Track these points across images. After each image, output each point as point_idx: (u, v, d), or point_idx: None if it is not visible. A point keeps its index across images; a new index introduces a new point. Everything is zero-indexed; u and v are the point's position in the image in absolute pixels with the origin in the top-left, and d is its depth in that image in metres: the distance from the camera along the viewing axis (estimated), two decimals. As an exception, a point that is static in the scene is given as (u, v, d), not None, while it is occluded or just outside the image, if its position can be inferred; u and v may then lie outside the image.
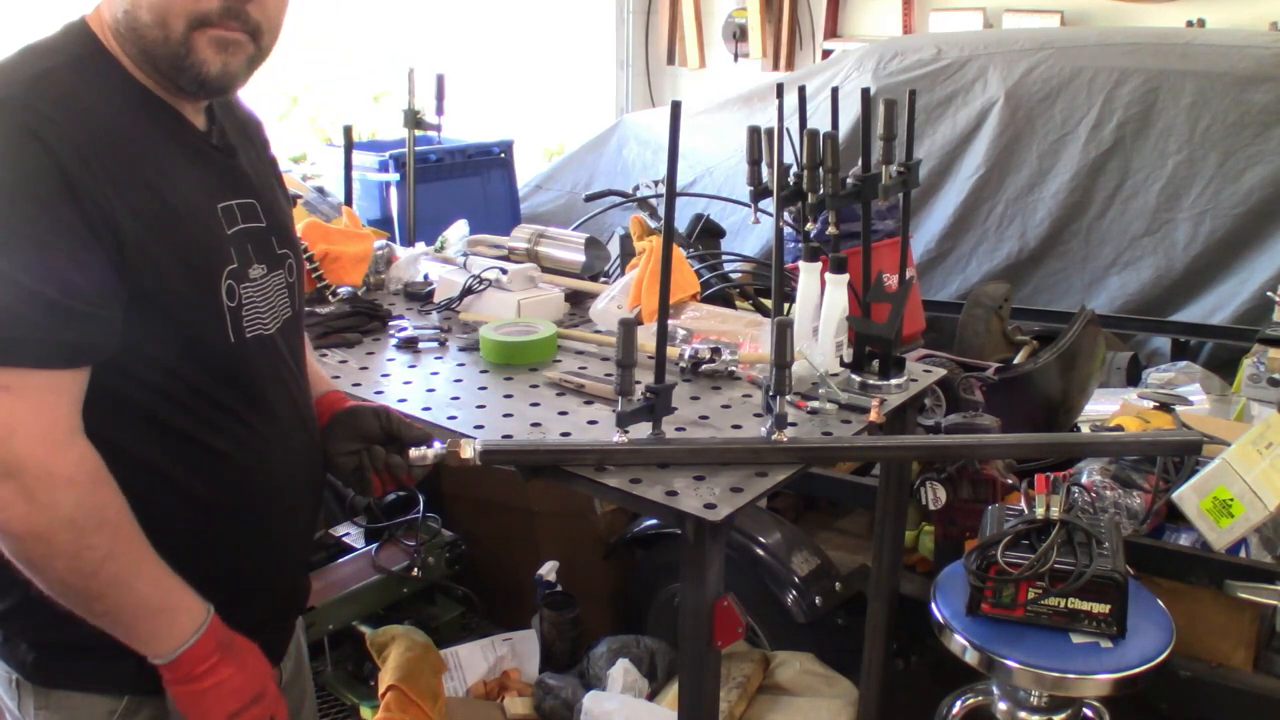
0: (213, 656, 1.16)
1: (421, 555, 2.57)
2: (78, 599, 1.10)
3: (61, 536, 1.05)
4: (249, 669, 1.21)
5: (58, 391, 1.06)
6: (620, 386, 1.42)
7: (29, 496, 1.03)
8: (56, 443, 1.05)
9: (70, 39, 1.14)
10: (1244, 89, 3.41)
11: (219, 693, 1.17)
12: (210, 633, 1.16)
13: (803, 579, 2.26)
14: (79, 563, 1.07)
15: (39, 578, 1.09)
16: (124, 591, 1.10)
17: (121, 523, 1.10)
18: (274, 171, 1.37)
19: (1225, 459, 1.99)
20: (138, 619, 1.13)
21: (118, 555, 1.09)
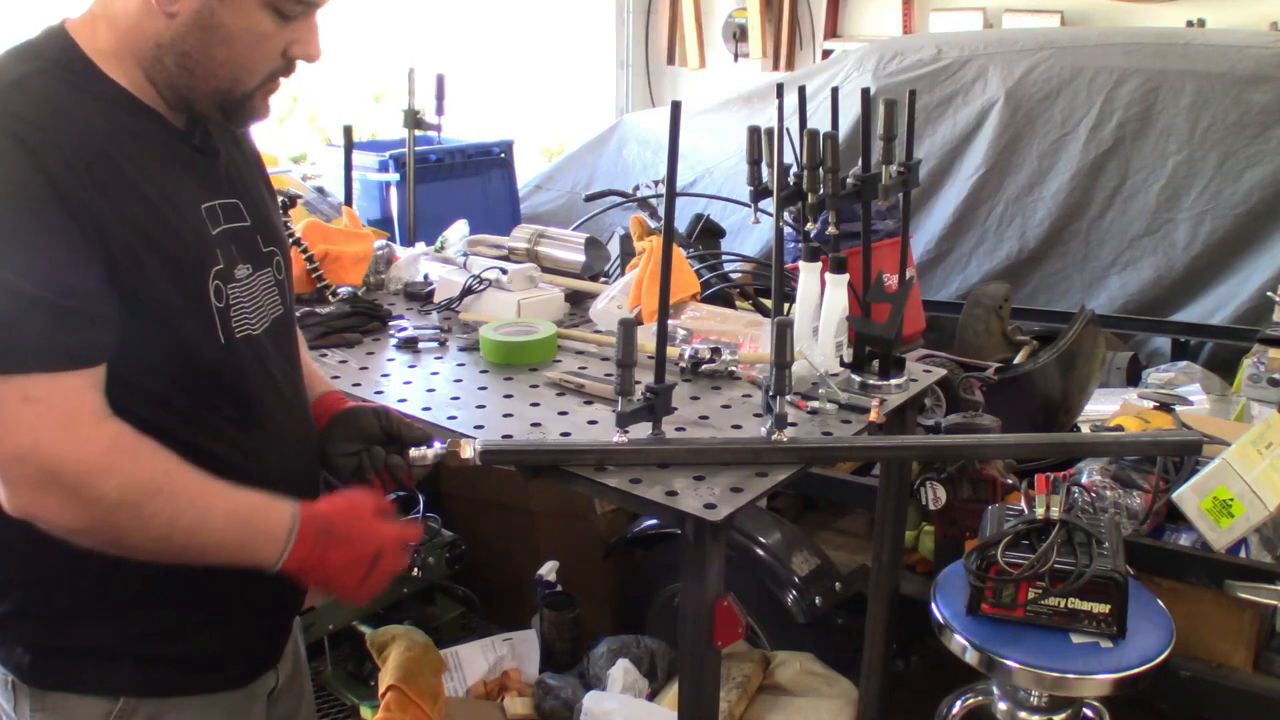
0: (315, 549, 1.18)
1: (421, 555, 2.56)
2: (176, 559, 1.13)
3: (121, 519, 1.07)
4: (355, 538, 1.22)
5: (76, 391, 1.07)
6: (620, 386, 1.42)
7: (75, 498, 1.05)
8: (84, 439, 1.06)
9: (48, 44, 1.14)
10: (1244, 89, 3.41)
11: (339, 573, 1.21)
12: (303, 531, 1.18)
13: (803, 579, 2.26)
14: (150, 532, 1.09)
15: (134, 556, 1.12)
16: (204, 537, 1.13)
17: (174, 480, 1.11)
18: (259, 169, 1.37)
19: (1225, 459, 1.99)
20: (229, 552, 1.16)
21: (182, 511, 1.11)
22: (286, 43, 1.17)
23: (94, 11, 1.16)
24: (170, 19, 1.12)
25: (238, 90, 1.17)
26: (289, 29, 1.16)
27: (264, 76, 1.18)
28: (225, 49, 1.14)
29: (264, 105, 1.22)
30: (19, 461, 1.04)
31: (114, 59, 1.14)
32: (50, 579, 1.18)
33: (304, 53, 1.19)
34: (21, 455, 1.04)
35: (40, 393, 1.04)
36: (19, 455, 1.04)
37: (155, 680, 1.22)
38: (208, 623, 1.25)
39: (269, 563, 1.17)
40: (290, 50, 1.18)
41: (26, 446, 1.04)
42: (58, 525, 1.07)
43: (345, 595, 1.24)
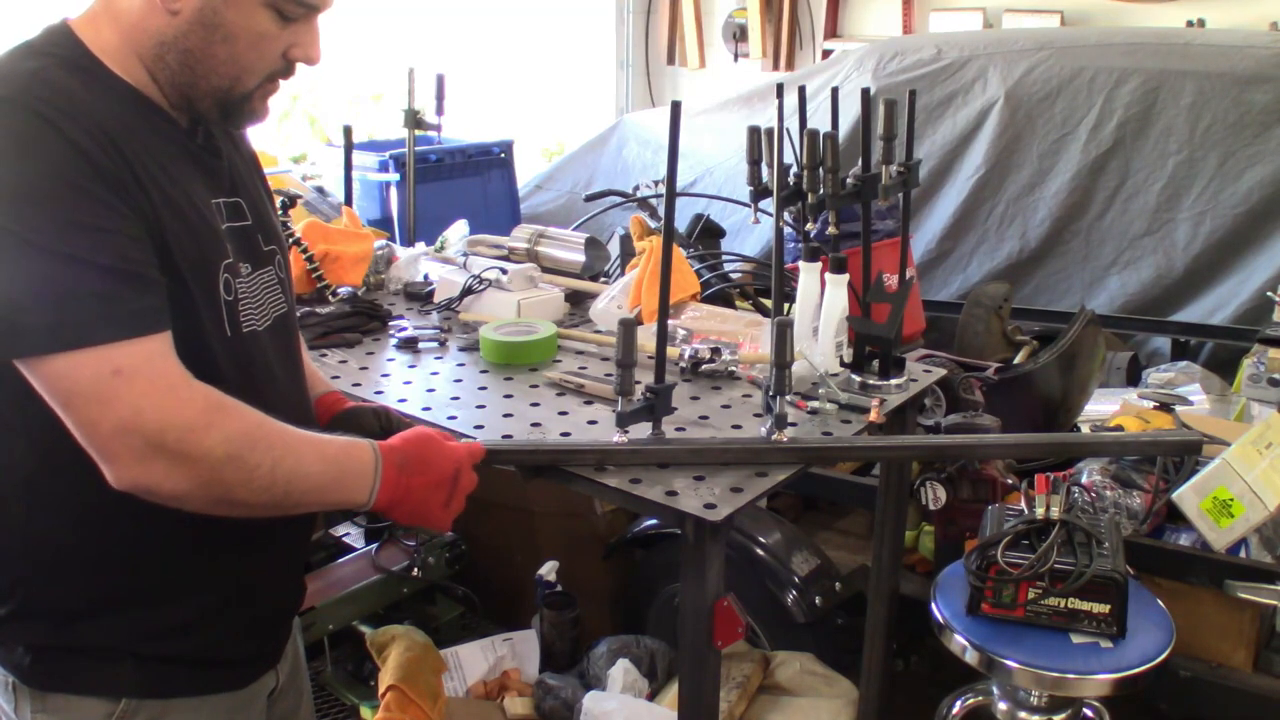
0: (399, 481, 1.22)
1: (421, 555, 2.57)
2: (272, 508, 1.15)
3: (227, 474, 1.09)
4: (433, 462, 1.26)
5: (160, 355, 1.08)
6: (620, 386, 1.42)
7: (182, 459, 1.07)
8: (180, 400, 1.08)
9: (53, 42, 1.14)
10: (1244, 89, 3.41)
11: (422, 500, 1.24)
12: (386, 466, 1.22)
13: (803, 579, 2.26)
14: (254, 483, 1.11)
15: (236, 511, 1.14)
16: (304, 482, 1.16)
17: (267, 430, 1.14)
18: (256, 170, 1.38)
19: (1225, 459, 1.99)
20: (327, 494, 1.19)
21: (280, 458, 1.13)
22: (287, 44, 1.18)
23: (96, 10, 1.16)
24: (173, 16, 1.12)
25: (237, 90, 1.18)
26: (290, 30, 1.17)
27: (263, 77, 1.19)
28: (226, 47, 1.14)
29: (262, 107, 1.23)
30: (123, 434, 1.05)
31: (118, 57, 1.15)
32: (55, 575, 1.18)
33: (304, 55, 1.20)
34: (125, 427, 1.04)
35: (127, 362, 1.05)
36: (122, 428, 1.04)
37: (157, 681, 1.22)
38: (209, 620, 1.25)
39: (361, 500, 1.21)
40: (290, 52, 1.19)
41: (128, 417, 1.04)
42: (166, 490, 1.08)
43: (433, 520, 1.27)
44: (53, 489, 1.15)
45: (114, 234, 1.06)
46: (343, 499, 1.21)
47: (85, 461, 1.12)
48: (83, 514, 1.16)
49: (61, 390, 1.05)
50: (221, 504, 1.12)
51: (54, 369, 1.04)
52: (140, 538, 1.18)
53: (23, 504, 1.15)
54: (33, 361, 1.04)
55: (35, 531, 1.16)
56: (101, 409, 1.04)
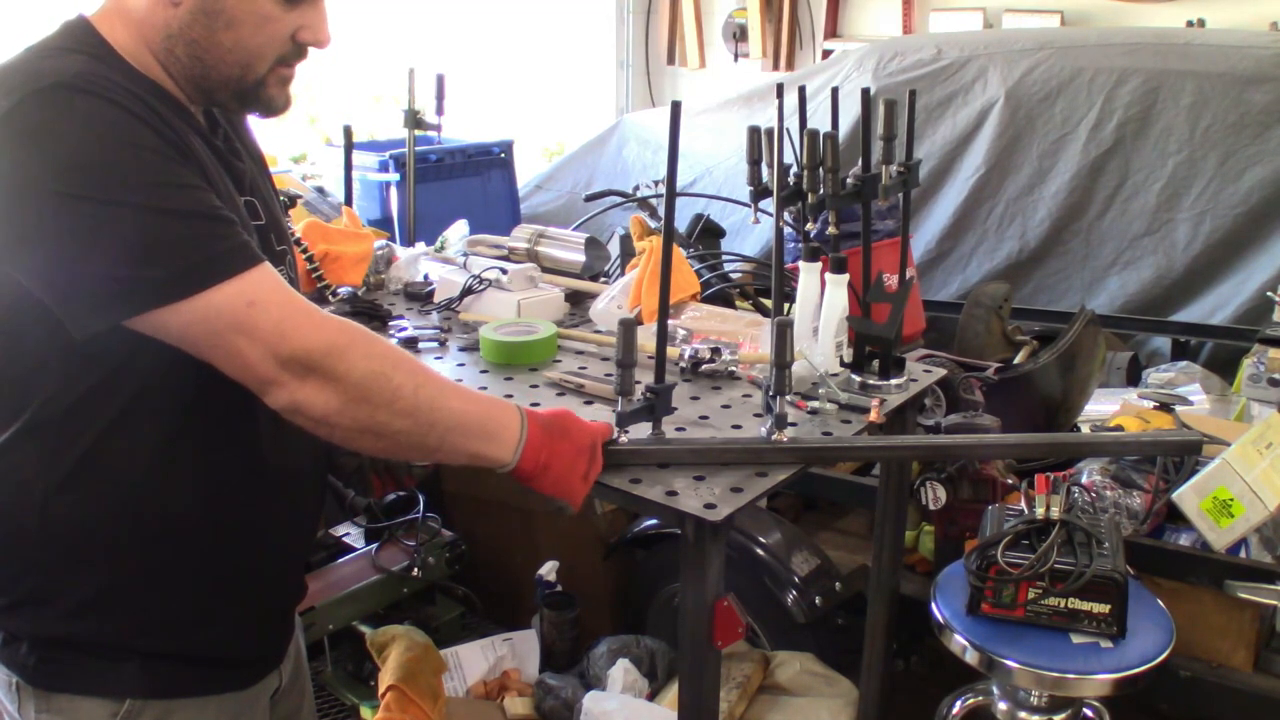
0: (545, 443, 1.24)
1: (421, 555, 2.57)
2: (415, 442, 1.17)
3: (374, 390, 1.12)
4: (571, 431, 1.28)
5: (279, 281, 1.11)
6: (620, 386, 1.42)
7: (331, 378, 1.09)
8: (317, 324, 1.11)
9: (77, 38, 1.15)
10: (1244, 89, 3.41)
11: (567, 467, 1.26)
12: (532, 422, 1.23)
13: (803, 579, 2.26)
14: (398, 405, 1.13)
15: (380, 441, 1.16)
16: (446, 415, 1.17)
17: (405, 357, 1.17)
18: (264, 170, 1.39)
19: (1225, 459, 1.99)
20: (469, 437, 1.20)
21: (424, 383, 1.15)
22: (294, 27, 1.18)
23: (107, 9, 1.17)
24: (175, 7, 1.13)
25: (249, 77, 1.18)
26: (296, 12, 1.17)
27: (273, 62, 1.19)
28: (231, 34, 1.15)
29: (281, 94, 1.23)
30: (272, 359, 1.08)
31: (135, 53, 1.16)
32: (62, 567, 1.18)
33: (313, 38, 1.21)
34: (273, 352, 1.07)
35: (256, 292, 1.07)
36: (271, 353, 1.07)
37: (161, 680, 1.22)
38: (215, 617, 1.26)
39: (505, 456, 1.22)
40: (299, 35, 1.19)
41: (274, 343, 1.07)
42: (318, 409, 1.10)
43: (572, 490, 1.28)
44: (65, 483, 1.15)
45: (195, 188, 1.08)
46: (486, 449, 1.21)
47: (96, 458, 1.13)
48: (93, 509, 1.16)
49: (203, 333, 1.07)
50: (367, 430, 1.13)
51: (189, 314, 1.05)
52: (149, 532, 1.19)
53: (35, 495, 1.15)
54: (162, 312, 1.05)
55: (47, 523, 1.16)
56: (248, 340, 1.07)
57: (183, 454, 1.19)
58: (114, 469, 1.15)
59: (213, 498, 1.22)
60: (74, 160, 1.03)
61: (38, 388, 1.12)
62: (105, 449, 1.14)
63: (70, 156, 1.03)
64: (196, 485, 1.20)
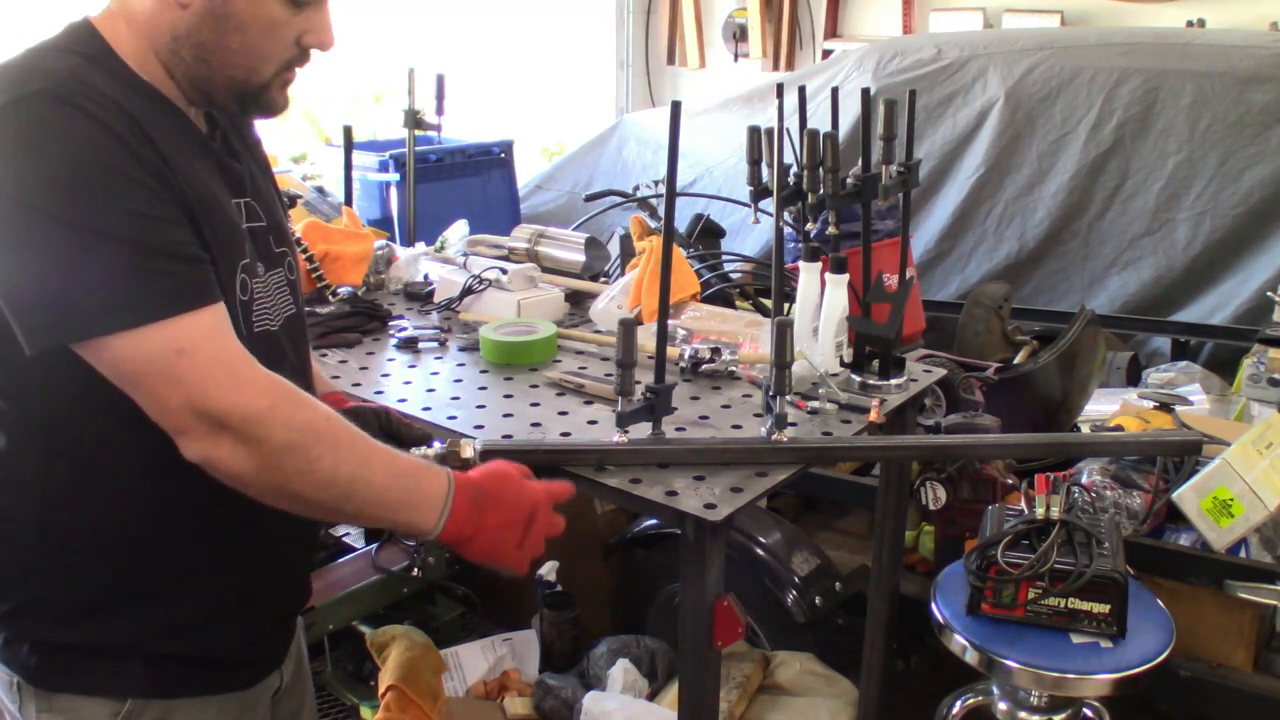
0: (471, 514, 1.20)
1: (421, 555, 2.57)
2: (332, 511, 1.16)
3: (288, 462, 1.09)
4: (508, 501, 1.24)
5: (221, 328, 1.09)
6: (620, 386, 1.42)
7: (245, 439, 1.07)
8: (244, 380, 1.08)
9: (78, 40, 1.15)
10: (1244, 89, 3.41)
11: (497, 537, 1.22)
12: (458, 497, 1.20)
13: (803, 579, 2.26)
14: (314, 476, 1.11)
15: (296, 506, 1.13)
16: (365, 487, 1.14)
17: (334, 427, 1.13)
18: (267, 173, 1.38)
19: (1225, 459, 1.99)
20: (389, 509, 1.17)
21: (344, 458, 1.12)
22: (299, 31, 1.18)
23: (112, 10, 1.17)
24: (183, 9, 1.13)
25: (254, 80, 1.18)
26: (301, 16, 1.17)
27: (279, 65, 1.19)
28: (238, 37, 1.15)
29: (281, 96, 1.23)
30: (190, 412, 1.06)
31: (137, 56, 1.16)
32: (66, 568, 1.18)
33: (318, 41, 1.20)
34: (192, 406, 1.06)
35: (189, 340, 1.05)
36: (189, 407, 1.06)
37: (163, 680, 1.22)
38: (216, 620, 1.25)
39: (427, 527, 1.19)
40: (304, 39, 1.19)
41: (195, 396, 1.05)
42: (230, 469, 1.09)
43: (504, 560, 1.25)
44: (65, 484, 1.15)
45: (158, 218, 1.07)
46: (408, 520, 1.18)
47: (96, 458, 1.13)
48: (94, 510, 1.16)
49: (128, 372, 1.06)
50: (282, 495, 1.12)
51: (119, 350, 1.04)
52: (150, 534, 1.19)
53: (36, 497, 1.15)
54: (96, 343, 1.04)
55: (48, 524, 1.16)
56: (169, 388, 1.05)
57: (180, 455, 1.18)
58: (112, 471, 1.15)
59: (212, 499, 1.21)
60: (46, 176, 1.02)
61: (30, 389, 1.12)
62: (102, 452, 1.14)
63: (43, 172, 1.02)
64: (195, 487, 1.20)
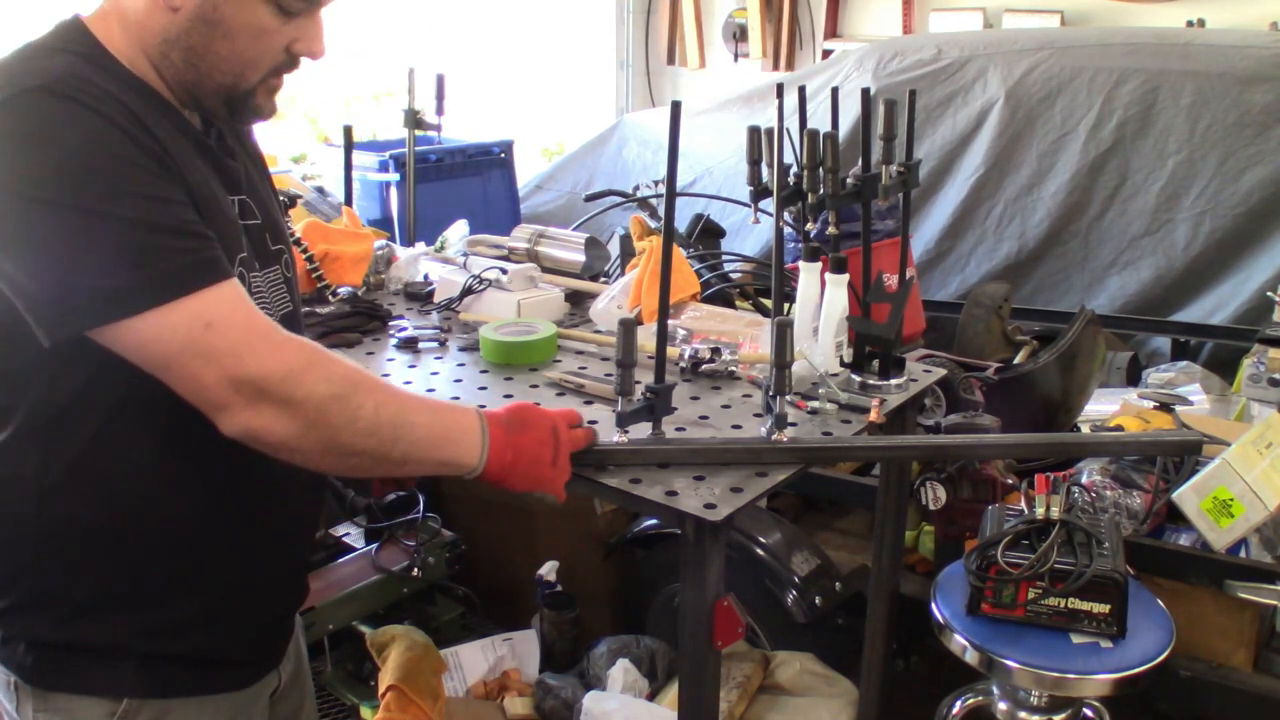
0: (508, 440, 1.23)
1: (421, 555, 2.57)
2: (380, 459, 1.16)
3: (332, 414, 1.10)
4: (532, 421, 1.28)
5: (241, 300, 1.10)
6: (620, 386, 1.42)
7: (288, 402, 1.08)
8: (276, 344, 1.09)
9: (70, 38, 1.15)
10: (1244, 89, 3.41)
11: (534, 456, 1.26)
12: (492, 423, 1.23)
13: (803, 579, 2.26)
14: (359, 425, 1.12)
15: (346, 461, 1.15)
16: (409, 430, 1.16)
17: (366, 375, 1.15)
18: (263, 170, 1.39)
19: (1225, 459, 1.99)
20: (434, 448, 1.19)
21: (384, 402, 1.14)
22: (290, 39, 1.18)
23: (105, 9, 1.17)
24: (174, 13, 1.13)
25: (241, 85, 1.18)
26: (292, 25, 1.17)
27: (266, 72, 1.19)
28: (228, 43, 1.15)
29: (268, 103, 1.23)
30: (229, 384, 1.06)
31: (129, 55, 1.16)
32: (63, 567, 1.18)
33: (308, 49, 1.21)
34: (229, 378, 1.06)
35: (215, 313, 1.06)
36: (227, 379, 1.06)
37: (159, 680, 1.22)
38: (213, 620, 1.25)
39: (471, 461, 1.21)
40: (294, 46, 1.20)
41: (231, 367, 1.06)
42: (277, 436, 1.09)
43: (542, 480, 1.28)
44: (62, 483, 1.15)
45: (166, 199, 1.07)
46: (451, 457, 1.20)
47: (94, 457, 1.13)
48: (91, 509, 1.16)
49: (158, 353, 1.06)
50: (330, 451, 1.12)
51: (144, 332, 1.04)
52: (148, 534, 1.19)
53: (33, 496, 1.15)
54: (119, 326, 1.04)
55: (45, 523, 1.16)
56: (203, 364, 1.05)
57: (179, 454, 1.19)
58: (110, 470, 1.15)
59: (210, 498, 1.22)
60: (49, 167, 1.02)
61: (30, 387, 1.12)
62: (100, 450, 1.14)
63: (46, 163, 1.03)
64: (194, 486, 1.20)
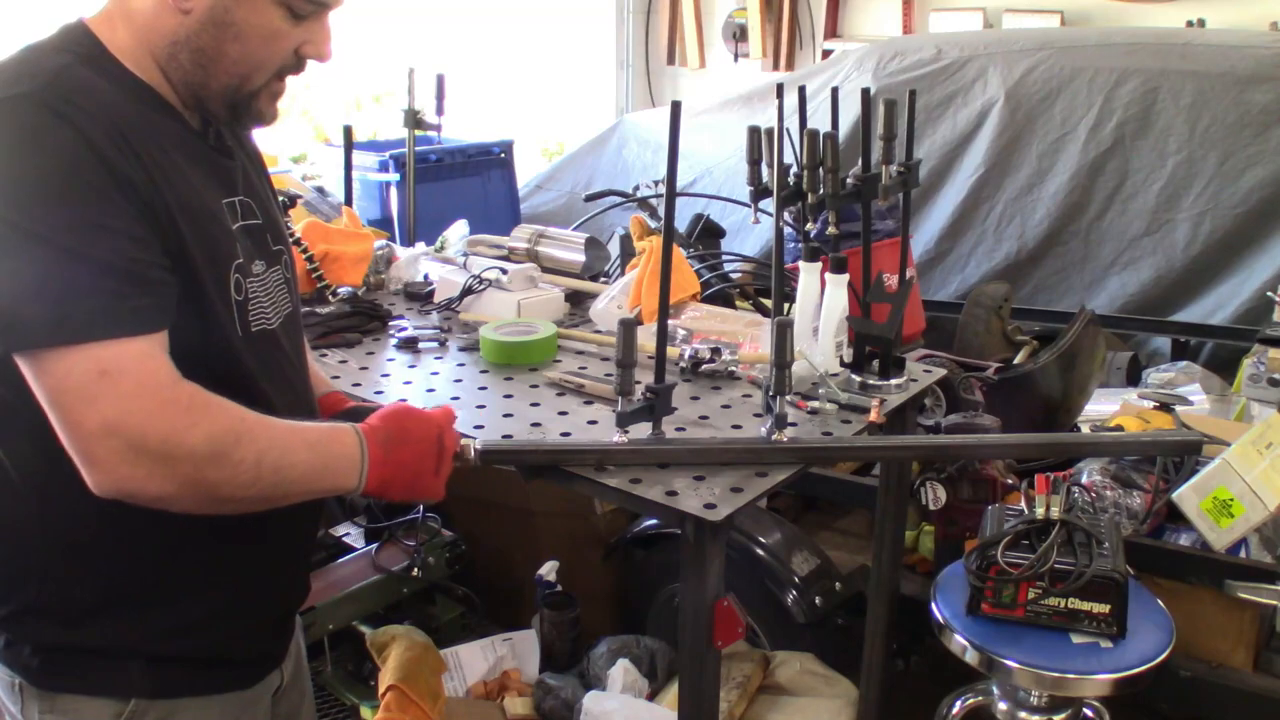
0: (387, 458, 1.23)
1: (421, 555, 2.57)
2: (262, 501, 1.15)
3: (211, 472, 1.08)
4: (414, 432, 1.26)
5: (150, 355, 1.08)
6: (620, 386, 1.42)
7: (166, 460, 1.06)
8: (165, 403, 1.07)
9: (73, 39, 1.15)
10: (1244, 89, 3.41)
11: (414, 473, 1.25)
12: (371, 446, 1.22)
13: (803, 579, 2.26)
14: (240, 478, 1.10)
15: (226, 508, 1.13)
16: (291, 472, 1.15)
17: (250, 424, 1.13)
18: (262, 170, 1.39)
19: (1225, 459, 1.99)
20: (316, 482, 1.19)
21: (265, 450, 1.12)
22: (299, 42, 1.19)
23: (110, 10, 1.17)
24: (185, 15, 1.13)
25: (246, 87, 1.19)
26: (301, 28, 1.18)
27: (273, 74, 1.19)
28: (238, 45, 1.15)
29: (270, 108, 1.23)
30: (106, 436, 1.04)
31: (133, 56, 1.16)
32: (67, 570, 1.18)
33: (316, 53, 1.21)
34: (108, 429, 1.04)
35: (116, 363, 1.04)
36: (105, 429, 1.04)
37: (165, 680, 1.22)
38: (217, 620, 1.26)
39: (351, 485, 1.21)
40: (303, 49, 1.20)
41: (112, 419, 1.03)
42: (151, 492, 1.07)
43: (427, 490, 1.28)
44: (65, 484, 1.15)
45: (119, 234, 1.06)
46: (332, 485, 1.20)
47: None
48: (95, 510, 1.16)
49: (50, 387, 1.04)
50: (209, 502, 1.11)
51: (46, 365, 1.04)
52: (152, 536, 1.18)
53: (35, 498, 1.16)
54: (29, 356, 1.04)
55: (49, 526, 1.16)
56: (86, 409, 1.03)
57: None
58: None
59: None
60: (11, 180, 1.03)
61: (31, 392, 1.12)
62: None
63: (9, 178, 1.03)
64: None
